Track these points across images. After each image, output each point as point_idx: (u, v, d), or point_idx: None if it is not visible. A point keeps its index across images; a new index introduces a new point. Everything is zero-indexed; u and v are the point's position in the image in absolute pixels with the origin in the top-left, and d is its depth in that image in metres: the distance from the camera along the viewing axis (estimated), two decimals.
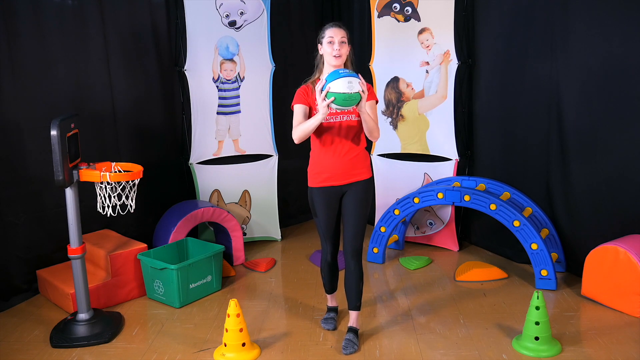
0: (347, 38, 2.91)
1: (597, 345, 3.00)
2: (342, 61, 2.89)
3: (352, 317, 3.14)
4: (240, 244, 4.31)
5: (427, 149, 4.46)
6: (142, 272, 3.71)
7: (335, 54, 2.86)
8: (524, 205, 4.00)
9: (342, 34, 2.88)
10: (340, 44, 2.86)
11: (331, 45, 2.86)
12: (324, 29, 2.92)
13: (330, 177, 2.92)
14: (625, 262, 3.27)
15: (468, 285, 3.86)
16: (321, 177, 2.94)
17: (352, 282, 3.03)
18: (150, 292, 3.72)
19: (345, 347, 3.03)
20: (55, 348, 3.13)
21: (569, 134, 3.70)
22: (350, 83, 2.66)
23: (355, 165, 2.93)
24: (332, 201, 2.98)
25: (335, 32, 2.87)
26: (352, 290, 3.05)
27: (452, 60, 4.18)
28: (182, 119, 4.43)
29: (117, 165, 3.17)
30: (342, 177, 2.92)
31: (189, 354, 3.05)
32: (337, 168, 2.91)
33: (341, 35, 2.87)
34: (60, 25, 3.73)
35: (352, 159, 2.92)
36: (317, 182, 2.96)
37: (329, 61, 2.89)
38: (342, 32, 2.88)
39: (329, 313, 3.38)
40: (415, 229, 4.65)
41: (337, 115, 2.86)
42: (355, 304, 3.09)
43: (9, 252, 3.64)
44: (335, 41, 2.86)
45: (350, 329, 3.13)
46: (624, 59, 3.36)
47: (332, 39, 2.86)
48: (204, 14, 4.29)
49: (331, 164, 2.91)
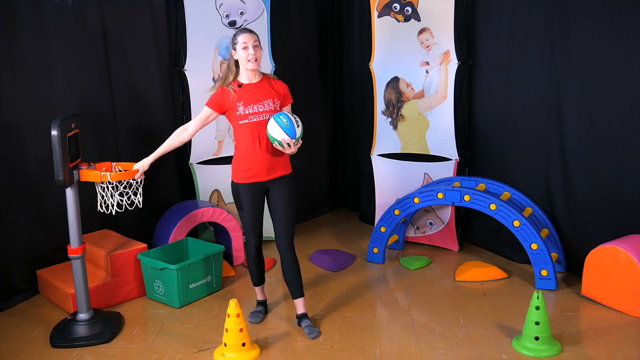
0: (259, 41, 3.11)
1: (597, 345, 3.00)
2: (258, 64, 3.09)
3: (300, 304, 3.32)
4: (240, 244, 4.31)
5: (427, 149, 4.46)
6: (142, 272, 3.71)
7: (251, 58, 3.05)
8: (524, 205, 4.00)
9: (254, 38, 3.07)
10: (254, 48, 3.05)
11: (245, 50, 3.04)
12: (235, 35, 3.10)
13: (256, 173, 3.11)
14: (625, 262, 3.27)
15: (468, 285, 3.86)
16: (248, 174, 3.12)
17: (292, 272, 3.25)
18: (150, 292, 3.72)
19: (310, 332, 3.21)
20: (55, 348, 3.13)
21: (569, 134, 3.70)
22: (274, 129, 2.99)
23: (278, 162, 3.14)
24: (258, 196, 3.18)
25: (247, 37, 3.05)
26: (293, 279, 3.26)
27: (452, 60, 4.18)
28: (182, 119, 4.42)
29: (117, 165, 3.18)
30: (267, 174, 3.13)
31: (189, 354, 3.05)
32: (262, 165, 3.10)
33: (253, 40, 3.06)
34: (60, 25, 3.73)
35: (276, 156, 3.13)
36: (244, 179, 3.14)
37: (245, 65, 3.08)
38: (254, 37, 3.07)
39: (257, 307, 3.51)
40: (415, 229, 4.65)
41: (260, 115, 3.08)
42: (300, 292, 3.30)
43: (9, 252, 3.64)
44: (249, 46, 3.04)
45: (303, 315, 3.32)
46: (624, 59, 3.36)
47: (246, 44, 3.04)
48: (204, 14, 4.28)
49: (257, 161, 3.10)
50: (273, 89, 3.16)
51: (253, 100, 3.09)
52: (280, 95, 3.17)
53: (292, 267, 3.24)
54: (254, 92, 3.11)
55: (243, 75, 3.13)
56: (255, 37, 3.07)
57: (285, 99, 3.20)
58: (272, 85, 3.17)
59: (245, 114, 3.08)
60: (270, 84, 3.17)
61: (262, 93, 3.12)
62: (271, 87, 3.16)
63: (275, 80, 3.22)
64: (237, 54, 3.08)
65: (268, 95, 3.12)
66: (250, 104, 3.08)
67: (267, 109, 3.08)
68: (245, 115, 3.08)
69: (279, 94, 3.17)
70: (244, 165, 3.12)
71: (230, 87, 3.11)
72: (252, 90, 3.11)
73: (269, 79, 3.20)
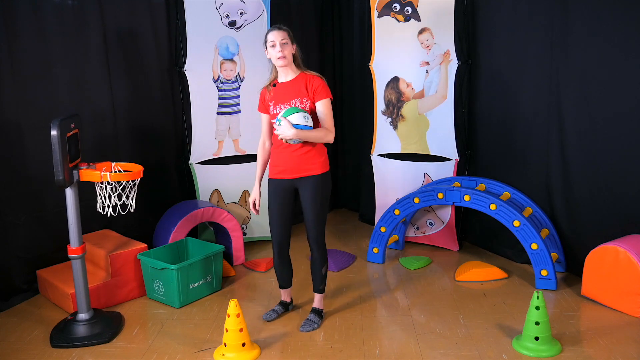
0: (290, 38, 3.08)
1: (597, 345, 3.00)
2: (287, 61, 3.07)
3: (316, 299, 3.40)
4: (240, 244, 4.31)
5: (427, 149, 4.46)
6: (142, 272, 3.71)
7: (279, 55, 3.04)
8: (524, 205, 4.00)
9: (282, 35, 3.05)
10: (282, 46, 3.03)
11: (274, 48, 3.05)
12: (265, 34, 3.11)
13: (283, 170, 3.15)
14: (625, 262, 3.27)
15: (468, 285, 3.86)
16: (276, 169, 3.19)
17: (315, 267, 3.32)
18: (150, 292, 3.72)
19: (303, 325, 3.29)
20: (55, 348, 3.13)
21: (569, 133, 3.70)
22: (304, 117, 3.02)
23: (307, 161, 3.12)
24: (284, 193, 3.20)
25: (275, 35, 3.05)
26: (315, 275, 3.33)
27: (452, 60, 4.18)
28: (182, 119, 4.43)
29: (117, 165, 3.17)
30: (293, 172, 3.14)
31: (189, 354, 3.05)
32: (288, 163, 3.13)
33: (281, 37, 3.04)
34: (60, 25, 3.73)
35: (303, 155, 3.11)
36: (272, 174, 3.22)
37: (275, 63, 3.10)
38: (282, 34, 3.05)
39: (277, 305, 3.52)
40: (415, 229, 4.65)
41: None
42: (319, 287, 3.36)
43: (9, 252, 3.64)
44: (277, 44, 3.03)
45: (313, 309, 3.40)
46: (624, 59, 3.36)
47: (273, 42, 3.04)
48: (204, 14, 4.29)
49: (284, 158, 3.14)
50: (306, 87, 3.09)
51: (282, 100, 3.11)
52: (313, 93, 3.08)
53: (314, 264, 3.31)
54: (285, 91, 3.12)
55: (280, 74, 3.15)
56: (283, 34, 3.05)
57: (315, 95, 3.08)
58: (307, 83, 3.10)
59: (274, 114, 3.14)
60: (306, 81, 3.10)
61: (292, 92, 3.10)
62: (305, 85, 3.09)
63: (313, 77, 3.11)
64: (269, 53, 3.10)
65: (297, 94, 3.09)
66: (279, 104, 3.12)
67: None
68: (273, 115, 3.13)
69: (310, 92, 3.09)
70: (274, 161, 3.21)
71: (269, 87, 3.19)
72: (284, 90, 3.13)
73: (306, 76, 3.12)
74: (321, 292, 3.38)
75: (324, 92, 3.09)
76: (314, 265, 3.32)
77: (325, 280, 3.37)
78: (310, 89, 3.08)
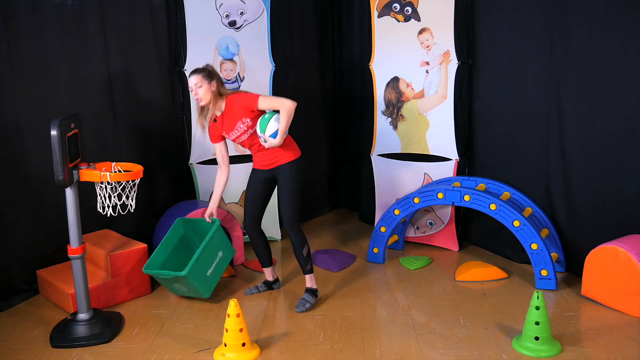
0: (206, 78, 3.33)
1: (597, 345, 3.00)
2: (206, 102, 3.36)
3: (307, 280, 3.61)
4: (241, 244, 4.31)
5: (427, 149, 4.46)
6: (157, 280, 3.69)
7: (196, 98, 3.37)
8: (524, 205, 4.00)
9: (195, 80, 3.33)
10: (197, 90, 3.33)
11: (192, 93, 3.37)
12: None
13: (264, 165, 3.52)
14: (625, 262, 3.27)
15: (468, 285, 3.86)
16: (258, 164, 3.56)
17: (295, 250, 3.54)
18: (175, 291, 3.70)
19: (298, 305, 3.51)
20: (55, 348, 3.13)
21: (569, 133, 3.70)
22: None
23: (281, 154, 3.43)
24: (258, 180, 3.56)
25: (190, 81, 3.36)
26: (299, 257, 3.55)
27: (452, 60, 4.18)
28: (182, 119, 4.42)
29: (117, 165, 3.18)
30: (267, 165, 3.49)
31: (189, 354, 3.05)
32: (267, 159, 3.48)
33: (194, 82, 3.33)
34: (60, 25, 3.73)
35: (276, 150, 3.43)
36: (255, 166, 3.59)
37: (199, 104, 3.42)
38: (195, 79, 3.33)
39: (259, 283, 3.83)
40: (415, 229, 4.65)
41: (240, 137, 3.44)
42: (305, 268, 3.56)
43: (9, 252, 3.64)
44: (193, 88, 3.35)
45: (306, 289, 3.60)
46: (624, 59, 3.36)
47: (190, 88, 3.37)
48: (204, 14, 4.28)
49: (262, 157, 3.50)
50: (236, 110, 3.37)
51: (229, 128, 3.45)
52: (244, 111, 3.36)
53: (294, 247, 3.54)
54: (227, 120, 3.44)
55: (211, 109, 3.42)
56: (197, 77, 3.32)
57: (252, 104, 3.33)
58: (235, 107, 3.37)
59: (232, 139, 3.51)
60: (233, 106, 3.38)
61: (232, 119, 3.41)
62: (236, 109, 3.37)
63: (235, 99, 3.38)
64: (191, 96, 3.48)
65: (237, 118, 3.39)
66: (230, 132, 3.46)
67: (242, 130, 3.41)
68: (234, 140, 3.51)
69: (243, 112, 3.36)
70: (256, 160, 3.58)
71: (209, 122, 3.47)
72: (225, 120, 3.45)
73: (233, 99, 3.38)
74: (310, 273, 3.58)
75: (252, 99, 3.33)
76: (293, 248, 3.55)
77: (310, 260, 3.56)
78: (242, 108, 3.35)
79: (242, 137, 3.45)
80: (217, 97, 3.38)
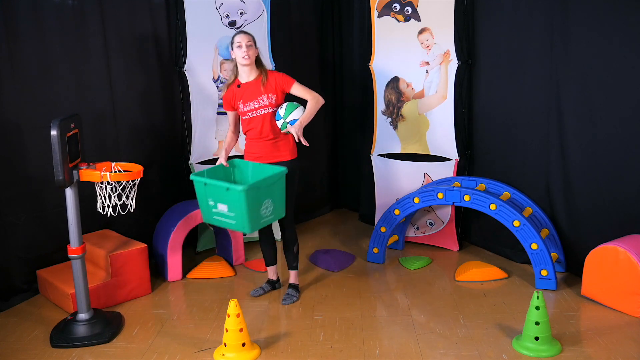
0: (254, 42, 3.42)
1: (597, 345, 3.00)
2: (250, 62, 3.39)
3: (291, 276, 3.76)
4: (241, 244, 4.31)
5: (427, 149, 4.46)
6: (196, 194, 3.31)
7: (244, 55, 3.36)
8: (524, 205, 4.00)
9: (247, 38, 3.38)
10: (247, 47, 3.36)
11: (240, 49, 3.37)
12: (232, 36, 3.43)
13: (259, 157, 3.49)
14: (625, 262, 3.27)
15: (468, 285, 3.86)
16: (252, 156, 3.52)
17: (286, 247, 3.67)
18: (210, 216, 3.27)
19: (284, 299, 3.64)
20: (55, 348, 3.13)
21: (569, 133, 3.70)
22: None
23: (278, 149, 3.48)
24: None
25: (242, 37, 3.38)
26: (289, 254, 3.69)
27: (452, 60, 4.18)
28: (182, 119, 4.42)
29: (117, 165, 3.18)
30: (268, 158, 3.48)
31: (189, 354, 3.05)
32: (263, 151, 3.48)
33: (247, 40, 3.37)
34: (60, 25, 3.73)
35: (274, 144, 3.47)
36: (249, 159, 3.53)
37: (240, 62, 3.41)
38: (247, 37, 3.39)
39: (264, 284, 3.86)
40: (415, 229, 4.65)
41: (256, 110, 3.42)
42: (292, 265, 3.73)
43: (9, 252, 3.64)
44: (242, 45, 3.36)
45: (290, 285, 3.75)
46: (624, 59, 3.36)
47: (240, 43, 3.37)
48: (204, 14, 4.28)
49: (259, 148, 3.49)
50: (269, 84, 3.42)
51: (250, 98, 3.43)
52: (275, 88, 3.42)
53: (285, 244, 3.66)
54: (251, 89, 3.43)
55: (242, 74, 3.47)
56: (249, 37, 3.39)
57: (285, 86, 3.43)
58: (268, 81, 3.43)
59: (244, 111, 3.45)
60: (267, 79, 3.43)
61: (257, 90, 3.42)
62: (267, 82, 3.42)
63: (271, 74, 3.46)
64: (234, 53, 3.42)
65: (263, 92, 3.41)
66: (248, 102, 3.43)
67: (262, 105, 3.41)
68: (244, 112, 3.46)
69: (274, 87, 3.42)
70: (249, 149, 3.54)
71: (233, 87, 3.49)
72: (249, 88, 3.44)
73: (266, 74, 3.45)
74: (296, 269, 3.75)
75: (288, 81, 3.44)
76: (285, 245, 3.66)
77: (298, 258, 3.72)
78: (275, 84, 3.42)
79: (256, 112, 3.41)
80: (253, 64, 3.44)
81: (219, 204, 3.20)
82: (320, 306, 3.59)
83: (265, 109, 3.41)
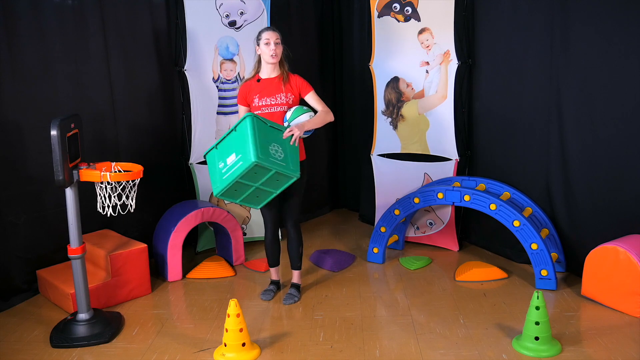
0: (281, 40, 3.42)
1: (597, 345, 3.00)
2: (277, 60, 3.41)
3: (294, 275, 3.76)
4: (241, 244, 4.31)
5: (427, 149, 4.46)
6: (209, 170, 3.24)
7: (272, 54, 3.37)
8: (524, 205, 4.00)
9: (276, 36, 3.39)
10: (276, 45, 3.37)
11: (268, 46, 3.36)
12: (260, 32, 3.42)
13: None
14: (625, 262, 3.27)
15: (468, 285, 3.86)
16: None
17: (293, 247, 3.65)
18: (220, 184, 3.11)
19: (286, 299, 3.64)
20: (55, 348, 3.13)
21: (569, 133, 3.70)
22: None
23: None
24: None
25: (271, 34, 3.38)
26: (293, 253, 3.67)
27: (452, 60, 4.18)
28: (182, 119, 4.43)
29: (117, 165, 3.18)
30: None
31: (189, 354, 3.05)
32: None
33: (275, 37, 3.38)
34: (60, 25, 3.73)
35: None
36: None
37: (267, 59, 3.40)
38: (276, 35, 3.39)
39: (270, 285, 3.81)
40: (415, 229, 4.65)
41: (271, 107, 3.40)
42: (296, 265, 3.73)
43: (9, 252, 3.64)
44: (271, 42, 3.36)
45: (292, 284, 3.75)
46: (624, 59, 3.36)
47: (268, 40, 3.36)
48: (204, 14, 4.29)
49: None
50: (289, 83, 3.45)
51: (268, 94, 3.42)
52: (295, 89, 3.45)
53: (292, 243, 3.64)
54: (270, 86, 3.43)
55: (264, 70, 3.46)
56: (278, 35, 3.40)
57: (301, 91, 3.47)
58: (290, 81, 3.45)
59: (258, 106, 3.42)
60: (287, 79, 3.45)
61: (277, 87, 3.43)
62: (288, 82, 3.44)
63: (292, 75, 3.49)
64: (260, 49, 3.41)
65: (283, 91, 3.42)
66: (265, 97, 3.42)
67: (279, 102, 3.41)
68: (258, 107, 3.43)
69: (294, 88, 3.45)
70: None
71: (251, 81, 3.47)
72: (268, 85, 3.44)
73: (287, 74, 3.47)
74: (299, 269, 3.74)
75: (307, 86, 3.47)
76: (291, 245, 3.65)
77: (302, 258, 3.73)
78: (295, 86, 3.45)
79: (271, 108, 3.40)
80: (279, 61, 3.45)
81: (228, 158, 3.08)
82: (321, 306, 3.59)
83: (281, 106, 3.41)
